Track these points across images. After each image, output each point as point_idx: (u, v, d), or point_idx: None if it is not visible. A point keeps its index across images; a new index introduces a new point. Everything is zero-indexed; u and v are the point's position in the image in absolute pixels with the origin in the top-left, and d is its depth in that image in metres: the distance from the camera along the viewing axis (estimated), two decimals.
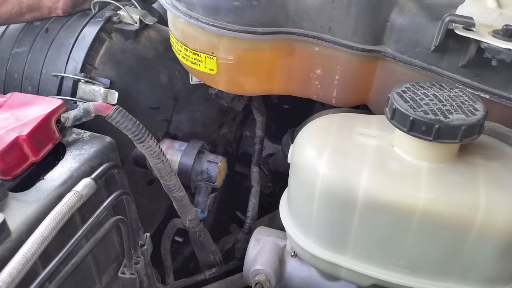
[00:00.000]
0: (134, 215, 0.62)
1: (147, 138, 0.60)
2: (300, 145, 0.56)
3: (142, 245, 0.66)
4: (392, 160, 0.51)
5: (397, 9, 0.58)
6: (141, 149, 0.61)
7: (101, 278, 0.65)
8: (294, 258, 0.68)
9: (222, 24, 0.61)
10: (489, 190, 0.48)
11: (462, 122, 0.46)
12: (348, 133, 0.54)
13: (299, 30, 0.61)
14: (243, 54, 0.64)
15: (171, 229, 0.87)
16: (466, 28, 0.53)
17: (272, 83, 0.68)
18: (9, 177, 0.53)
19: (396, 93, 0.50)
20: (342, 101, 0.68)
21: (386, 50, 0.60)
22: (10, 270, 0.40)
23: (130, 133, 0.58)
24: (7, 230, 0.46)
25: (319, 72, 0.65)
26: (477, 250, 0.49)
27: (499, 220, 0.47)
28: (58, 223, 0.46)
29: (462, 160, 0.51)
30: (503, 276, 0.52)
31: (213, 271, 0.87)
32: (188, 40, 0.67)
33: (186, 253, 1.01)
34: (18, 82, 0.73)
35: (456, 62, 0.56)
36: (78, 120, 0.60)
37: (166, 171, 0.65)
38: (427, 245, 0.50)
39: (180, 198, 0.70)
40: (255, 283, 0.67)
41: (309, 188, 0.53)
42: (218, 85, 0.70)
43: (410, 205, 0.48)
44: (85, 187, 0.51)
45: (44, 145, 0.56)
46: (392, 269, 0.54)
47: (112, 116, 0.58)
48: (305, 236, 0.57)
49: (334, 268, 0.57)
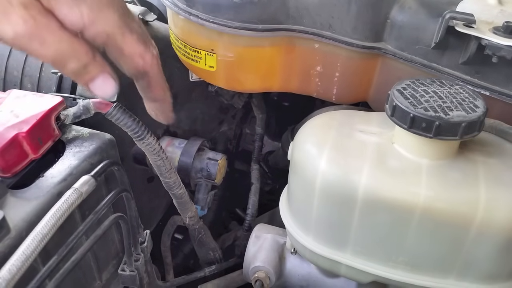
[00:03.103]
0: (134, 212, 0.62)
1: (147, 136, 0.60)
2: (300, 142, 0.56)
3: (142, 242, 0.66)
4: (392, 157, 0.51)
5: (398, 6, 0.58)
6: (140, 146, 0.61)
7: (101, 275, 0.65)
8: (294, 255, 0.68)
9: (222, 21, 0.61)
10: (489, 187, 0.48)
11: (463, 119, 0.46)
12: (348, 130, 0.54)
13: (299, 27, 0.61)
14: (243, 51, 0.64)
15: (171, 226, 0.87)
16: (466, 25, 0.52)
17: (272, 80, 0.68)
18: (8, 174, 0.53)
19: (396, 90, 0.50)
20: (342, 98, 0.68)
21: (386, 47, 0.60)
22: (10, 267, 0.40)
23: (129, 130, 0.58)
24: (6, 227, 0.46)
25: (319, 69, 0.65)
26: (477, 247, 0.49)
27: (499, 217, 0.47)
28: (58, 220, 0.46)
29: (462, 157, 0.51)
30: (503, 272, 0.52)
31: (213, 268, 0.87)
32: (188, 37, 0.66)
33: (186, 250, 1.02)
34: (18, 79, 0.73)
35: (456, 59, 0.56)
36: (78, 117, 0.60)
37: (166, 168, 0.65)
38: (427, 242, 0.51)
39: (180, 196, 0.70)
40: (255, 280, 0.67)
41: (309, 185, 0.53)
42: (218, 82, 0.69)
43: (410, 202, 0.48)
44: (84, 184, 0.51)
45: (43, 142, 0.56)
46: (392, 266, 0.54)
47: (111, 113, 0.57)
48: (305, 233, 0.57)
49: (334, 265, 0.57)
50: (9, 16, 0.39)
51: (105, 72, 0.44)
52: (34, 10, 0.40)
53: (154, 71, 0.47)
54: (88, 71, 0.44)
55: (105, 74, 0.44)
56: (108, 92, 0.45)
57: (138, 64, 0.46)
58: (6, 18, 0.39)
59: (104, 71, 0.44)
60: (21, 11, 0.39)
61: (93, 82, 0.44)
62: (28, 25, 0.39)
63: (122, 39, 0.44)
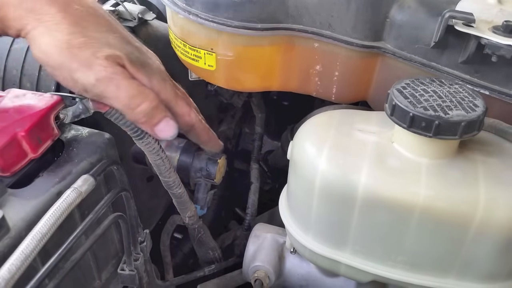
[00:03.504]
0: (134, 212, 0.62)
1: (146, 135, 0.60)
2: (300, 141, 0.56)
3: (142, 241, 0.66)
4: (391, 156, 0.51)
5: (397, 5, 0.58)
6: (140, 145, 0.61)
7: (101, 275, 0.65)
8: (293, 254, 0.68)
9: (221, 20, 0.61)
10: (488, 187, 0.48)
11: (462, 118, 0.46)
12: (347, 130, 0.54)
13: (298, 26, 0.61)
14: (243, 50, 0.64)
15: (170, 226, 0.87)
16: (466, 24, 0.52)
17: (272, 79, 0.68)
18: (7, 174, 0.53)
19: (396, 89, 0.50)
20: (342, 97, 0.68)
21: (386, 46, 0.60)
22: (9, 267, 0.40)
23: (129, 129, 0.58)
24: (6, 226, 0.45)
25: (319, 68, 0.65)
26: (477, 246, 0.49)
27: (498, 216, 0.47)
28: (57, 219, 0.46)
29: (462, 156, 0.51)
30: (502, 272, 0.52)
31: (213, 268, 0.87)
32: (187, 36, 0.66)
33: (185, 250, 1.02)
34: (17, 78, 0.73)
35: (456, 58, 0.56)
36: (77, 117, 0.60)
37: (166, 167, 0.65)
38: (426, 241, 0.51)
39: (179, 195, 0.70)
40: (255, 279, 0.67)
41: (309, 185, 0.53)
42: (217, 81, 0.69)
43: (410, 201, 0.48)
44: (84, 184, 0.51)
45: (43, 141, 0.56)
46: (391, 265, 0.54)
47: (111, 112, 0.57)
48: (304, 232, 0.57)
49: (333, 264, 0.57)
50: (93, 66, 0.48)
51: (168, 116, 0.53)
52: (113, 62, 0.50)
53: (199, 124, 0.59)
54: (154, 115, 0.52)
55: (167, 118, 0.53)
56: (170, 134, 0.54)
57: (187, 121, 0.57)
58: (91, 67, 0.48)
59: (167, 115, 0.53)
60: (104, 62, 0.49)
61: (158, 126, 0.53)
62: (108, 71, 0.49)
63: (176, 104, 0.55)
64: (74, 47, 0.48)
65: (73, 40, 0.48)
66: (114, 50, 0.50)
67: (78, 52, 0.48)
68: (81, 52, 0.48)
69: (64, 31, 0.48)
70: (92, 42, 0.49)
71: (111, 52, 0.50)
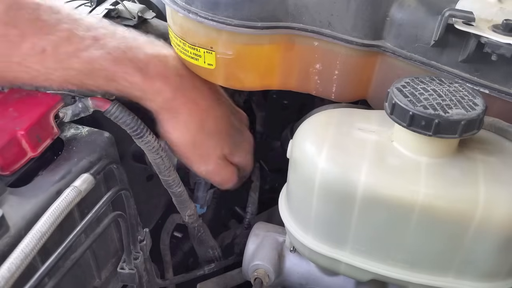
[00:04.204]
0: (133, 211, 0.62)
1: (146, 134, 0.60)
2: (299, 140, 0.56)
3: (141, 240, 0.66)
4: (391, 155, 0.51)
5: (397, 4, 0.58)
6: (139, 144, 0.61)
7: (100, 274, 0.65)
8: (293, 253, 0.68)
9: (221, 19, 0.60)
10: (488, 185, 0.48)
11: (462, 117, 0.46)
12: (347, 128, 0.54)
13: (298, 24, 0.61)
14: (242, 49, 0.64)
15: (170, 225, 0.87)
16: (466, 23, 0.52)
17: (271, 78, 0.68)
18: (7, 173, 0.53)
19: (396, 88, 0.50)
20: (342, 96, 0.68)
21: (385, 45, 0.60)
22: (9, 265, 0.40)
23: (128, 128, 0.58)
24: (5, 225, 0.46)
25: (319, 67, 0.65)
26: (476, 245, 0.49)
27: (498, 215, 0.47)
28: (56, 218, 0.46)
29: (461, 155, 0.51)
30: (502, 271, 0.52)
31: (212, 266, 0.87)
32: (187, 35, 0.66)
33: (185, 249, 1.01)
34: None
35: (455, 57, 0.56)
36: (77, 115, 0.60)
37: (165, 166, 0.65)
38: (426, 240, 0.51)
39: (179, 194, 0.70)
40: (254, 278, 0.67)
41: (308, 183, 0.53)
42: (217, 80, 0.69)
43: (410, 200, 0.48)
44: (83, 182, 0.51)
45: (42, 140, 0.56)
46: (391, 264, 0.54)
47: (110, 111, 0.57)
48: (304, 231, 0.57)
49: (333, 263, 0.57)
50: (208, 162, 0.68)
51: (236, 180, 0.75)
52: (223, 160, 0.69)
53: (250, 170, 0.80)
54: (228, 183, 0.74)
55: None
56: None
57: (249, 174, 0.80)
58: (206, 163, 0.68)
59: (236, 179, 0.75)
60: (216, 160, 0.68)
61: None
62: (216, 167, 0.69)
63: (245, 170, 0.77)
64: (196, 146, 0.65)
65: (197, 139, 0.65)
66: (223, 148, 0.68)
67: (199, 151, 0.66)
68: (200, 151, 0.66)
69: (192, 130, 0.64)
70: (209, 143, 0.66)
71: (221, 152, 0.68)
